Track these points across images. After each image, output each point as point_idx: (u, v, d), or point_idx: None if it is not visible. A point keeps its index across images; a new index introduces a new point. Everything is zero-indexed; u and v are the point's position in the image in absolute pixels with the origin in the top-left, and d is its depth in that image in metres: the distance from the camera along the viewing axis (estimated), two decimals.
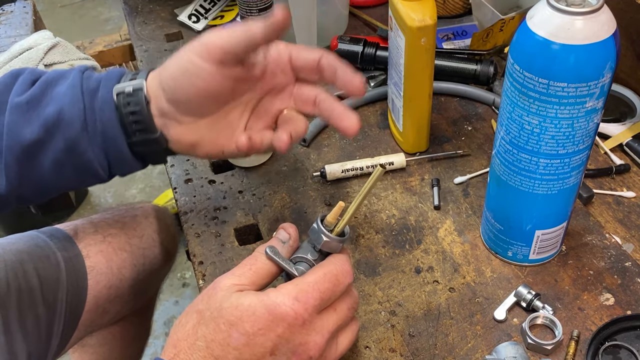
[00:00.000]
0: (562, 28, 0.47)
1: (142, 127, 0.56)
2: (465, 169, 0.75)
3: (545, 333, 0.58)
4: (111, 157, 0.58)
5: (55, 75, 0.58)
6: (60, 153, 0.56)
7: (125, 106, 0.56)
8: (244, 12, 0.81)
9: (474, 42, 0.86)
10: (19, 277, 0.72)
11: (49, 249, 0.77)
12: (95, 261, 0.79)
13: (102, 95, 0.56)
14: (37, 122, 0.56)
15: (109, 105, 0.56)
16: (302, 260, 0.52)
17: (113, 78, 0.58)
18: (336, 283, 0.49)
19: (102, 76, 0.58)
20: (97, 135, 0.56)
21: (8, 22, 1.10)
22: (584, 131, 0.52)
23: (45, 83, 0.58)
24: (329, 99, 0.59)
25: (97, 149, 0.57)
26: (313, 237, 0.52)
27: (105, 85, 0.57)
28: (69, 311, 0.77)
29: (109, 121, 0.56)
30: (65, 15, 2.79)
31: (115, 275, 0.81)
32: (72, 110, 0.56)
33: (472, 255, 0.65)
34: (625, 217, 0.68)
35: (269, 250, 0.51)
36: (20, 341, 0.71)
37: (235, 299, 0.47)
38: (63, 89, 0.57)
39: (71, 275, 0.77)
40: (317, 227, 0.52)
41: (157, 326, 1.58)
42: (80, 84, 0.57)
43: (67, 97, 0.56)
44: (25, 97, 0.56)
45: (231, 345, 0.46)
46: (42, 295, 0.74)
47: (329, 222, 0.52)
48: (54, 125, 0.56)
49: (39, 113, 0.56)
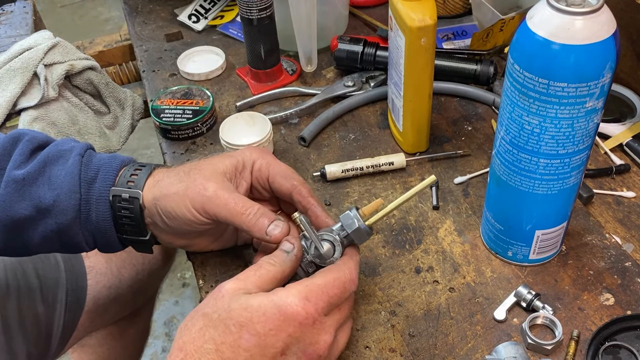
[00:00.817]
0: (562, 28, 0.47)
1: (134, 230, 0.58)
2: (465, 169, 0.75)
3: (545, 333, 0.58)
4: (99, 242, 0.59)
5: (55, 154, 0.59)
6: (51, 233, 0.57)
7: (120, 210, 0.57)
8: (244, 12, 0.81)
9: (474, 42, 0.86)
10: (18, 278, 0.73)
11: None
12: (94, 261, 0.80)
13: (99, 189, 0.57)
14: (31, 201, 0.57)
15: (104, 202, 0.57)
16: (328, 239, 0.53)
17: (113, 170, 0.58)
18: (343, 290, 0.50)
19: (101, 164, 0.59)
20: (89, 223, 0.58)
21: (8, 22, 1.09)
22: (584, 131, 0.52)
23: (44, 162, 0.58)
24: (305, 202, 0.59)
25: (87, 233, 0.58)
26: (345, 222, 0.54)
27: (103, 178, 0.58)
28: (68, 311, 0.77)
29: (103, 216, 0.57)
30: (65, 15, 2.79)
31: (115, 275, 0.81)
32: (69, 200, 0.56)
33: (472, 255, 0.65)
34: (625, 217, 0.68)
35: (299, 215, 0.53)
36: (20, 341, 0.71)
37: (244, 300, 0.47)
38: (61, 174, 0.57)
39: (70, 275, 0.77)
40: (352, 214, 0.54)
41: (157, 326, 1.58)
42: (79, 171, 0.57)
43: (64, 185, 0.57)
44: (22, 172, 0.57)
45: (242, 347, 0.45)
46: (41, 296, 0.74)
47: (362, 213, 0.54)
48: (47, 210, 0.57)
49: (34, 192, 0.57)
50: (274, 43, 0.86)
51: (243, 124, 0.78)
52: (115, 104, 0.98)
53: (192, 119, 0.80)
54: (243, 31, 0.85)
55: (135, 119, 1.02)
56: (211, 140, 0.82)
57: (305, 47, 0.87)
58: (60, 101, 0.92)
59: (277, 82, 0.89)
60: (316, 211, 0.58)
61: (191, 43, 0.99)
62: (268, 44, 0.85)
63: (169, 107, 0.82)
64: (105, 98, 0.97)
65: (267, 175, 0.60)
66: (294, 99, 0.87)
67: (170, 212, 0.56)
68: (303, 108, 0.84)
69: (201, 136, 0.82)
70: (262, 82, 0.88)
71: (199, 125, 0.81)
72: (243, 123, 0.78)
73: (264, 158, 0.60)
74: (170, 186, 0.56)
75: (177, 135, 0.81)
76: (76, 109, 0.94)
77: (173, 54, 0.97)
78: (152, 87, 0.92)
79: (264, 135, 0.75)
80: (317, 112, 0.83)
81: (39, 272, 0.74)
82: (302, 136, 0.79)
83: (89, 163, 0.58)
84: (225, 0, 1.05)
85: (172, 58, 0.96)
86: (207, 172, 0.57)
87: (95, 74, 0.95)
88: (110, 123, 0.98)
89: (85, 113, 0.95)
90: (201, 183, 0.55)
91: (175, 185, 0.56)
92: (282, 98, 0.87)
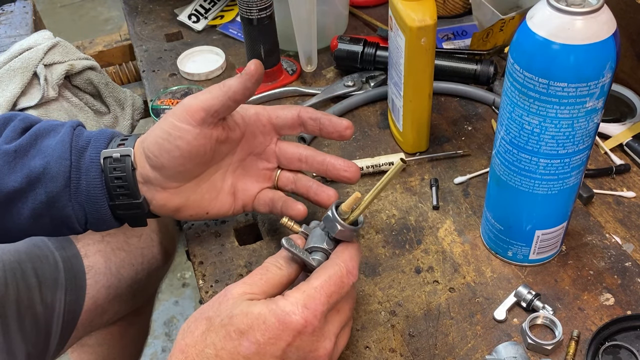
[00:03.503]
0: (562, 28, 0.47)
1: (126, 192, 0.58)
2: (465, 169, 0.75)
3: (545, 333, 0.58)
4: (90, 215, 0.59)
5: (46, 127, 0.59)
6: (40, 205, 0.57)
7: (112, 171, 0.57)
8: (244, 12, 0.81)
9: (474, 42, 0.86)
10: (17, 277, 0.72)
11: (47, 248, 0.77)
12: (93, 261, 0.79)
13: (90, 156, 0.58)
14: (22, 172, 0.56)
15: (95, 168, 0.57)
16: (318, 250, 0.53)
17: (103, 139, 0.59)
18: (341, 285, 0.49)
19: (92, 135, 0.59)
20: (80, 193, 0.57)
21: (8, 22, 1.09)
22: (584, 131, 0.52)
23: (36, 134, 0.58)
24: (317, 153, 0.62)
25: (77, 206, 0.58)
26: (327, 225, 0.52)
27: (94, 146, 0.58)
28: (67, 311, 0.77)
29: (94, 182, 0.57)
30: (65, 15, 2.79)
31: (114, 275, 0.81)
32: (58, 166, 0.56)
33: (472, 255, 0.65)
34: (625, 217, 0.68)
35: (285, 242, 0.51)
36: (19, 341, 0.71)
37: (245, 307, 0.47)
38: (52, 143, 0.57)
39: (69, 275, 0.77)
40: (331, 215, 0.52)
41: (157, 326, 1.58)
42: (70, 140, 0.58)
43: (55, 152, 0.57)
44: (13, 145, 0.57)
45: (241, 354, 0.45)
46: (40, 295, 0.74)
47: (343, 210, 0.52)
48: (37, 178, 0.56)
49: (25, 163, 0.57)
50: (274, 43, 0.86)
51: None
52: (115, 104, 0.98)
53: None
54: (243, 31, 0.85)
55: (135, 119, 1.02)
56: None
57: (305, 47, 0.87)
58: (60, 101, 0.92)
59: (277, 82, 0.89)
60: (329, 117, 0.60)
61: (191, 43, 0.99)
62: (268, 44, 0.85)
63: (169, 107, 0.82)
64: (105, 98, 0.97)
65: (268, 115, 0.61)
66: (294, 99, 0.87)
67: (157, 140, 0.56)
68: None
69: None
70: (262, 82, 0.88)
71: None
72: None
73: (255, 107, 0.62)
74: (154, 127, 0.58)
75: None
76: (76, 109, 0.94)
77: (173, 54, 0.97)
78: (152, 87, 0.92)
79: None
80: None
81: (37, 272, 0.74)
82: (302, 136, 0.79)
83: (81, 135, 0.59)
84: (225, 0, 1.05)
85: (172, 58, 0.96)
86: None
87: (95, 74, 0.95)
88: (110, 123, 0.98)
89: (85, 113, 0.95)
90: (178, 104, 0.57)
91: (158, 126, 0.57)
92: (282, 98, 0.87)
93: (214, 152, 0.59)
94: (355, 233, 0.53)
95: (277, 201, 0.62)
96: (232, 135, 0.60)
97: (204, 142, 0.57)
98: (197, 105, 0.56)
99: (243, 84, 0.56)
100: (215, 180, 0.62)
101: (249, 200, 0.64)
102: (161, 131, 0.56)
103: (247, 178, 0.64)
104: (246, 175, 0.64)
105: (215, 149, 0.59)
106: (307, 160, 0.63)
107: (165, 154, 0.56)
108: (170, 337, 1.56)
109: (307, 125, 0.61)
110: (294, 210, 0.61)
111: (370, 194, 0.52)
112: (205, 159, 0.59)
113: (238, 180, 0.63)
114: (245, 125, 0.61)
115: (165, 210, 0.60)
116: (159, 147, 0.56)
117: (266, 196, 0.63)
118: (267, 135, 0.63)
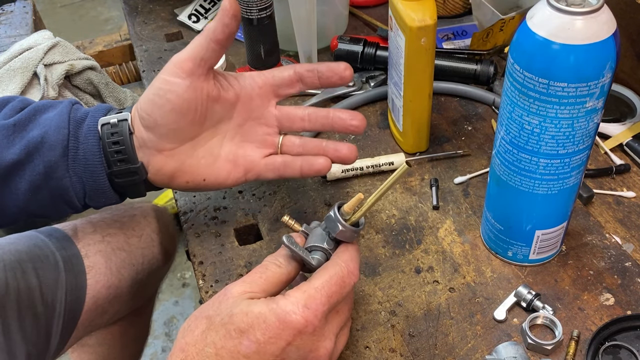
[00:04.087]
0: (562, 28, 0.47)
1: (124, 157, 0.58)
2: (465, 169, 0.75)
3: (545, 333, 0.58)
4: (88, 186, 0.59)
5: (45, 103, 0.60)
6: (38, 176, 0.57)
7: (109, 137, 0.58)
8: (244, 12, 0.81)
9: (474, 42, 0.86)
10: (17, 277, 0.72)
11: (48, 248, 0.77)
12: (94, 261, 0.79)
13: (88, 125, 0.58)
14: (20, 144, 0.57)
15: (93, 135, 0.58)
16: (317, 249, 0.52)
17: (100, 111, 0.60)
18: (342, 285, 0.49)
19: (90, 109, 0.60)
20: (78, 163, 0.58)
21: (8, 22, 1.10)
22: (584, 131, 0.52)
23: (35, 110, 0.59)
24: (319, 109, 0.61)
25: (75, 177, 0.58)
26: (329, 225, 0.52)
27: (92, 117, 0.59)
28: (68, 311, 0.77)
29: (91, 150, 0.57)
30: (65, 15, 2.79)
31: (114, 275, 0.81)
32: (56, 135, 0.57)
33: (472, 255, 0.65)
34: (625, 217, 0.68)
35: (286, 239, 0.51)
36: (20, 341, 0.71)
37: (245, 306, 0.46)
38: (51, 115, 0.58)
39: (70, 275, 0.77)
40: (333, 215, 0.52)
41: (157, 326, 1.58)
42: (69, 112, 0.59)
43: (53, 122, 0.57)
44: (12, 120, 0.58)
45: (241, 353, 0.45)
46: (41, 295, 0.74)
47: (345, 211, 0.52)
48: (35, 148, 0.57)
49: (23, 136, 0.57)
50: (274, 43, 0.86)
51: None
52: (115, 103, 0.99)
53: None
54: (243, 31, 0.85)
55: None
56: None
57: (305, 47, 0.87)
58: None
59: None
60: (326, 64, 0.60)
61: None
62: (268, 44, 0.85)
63: None
64: (105, 98, 0.97)
65: (263, 76, 0.61)
66: (294, 98, 0.87)
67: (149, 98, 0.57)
68: None
69: None
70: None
71: None
72: None
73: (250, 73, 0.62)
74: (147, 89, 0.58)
75: None
76: None
77: (173, 54, 0.96)
78: None
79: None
80: None
81: (38, 272, 0.74)
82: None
83: (79, 109, 0.60)
84: None
85: None
86: None
87: (95, 73, 0.95)
88: None
89: None
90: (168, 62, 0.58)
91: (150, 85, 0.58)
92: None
93: (207, 111, 0.59)
94: (356, 234, 0.53)
95: (290, 163, 0.61)
96: (226, 95, 0.59)
97: (194, 95, 0.57)
98: (183, 57, 0.57)
99: (220, 21, 0.56)
100: (212, 145, 0.61)
101: (252, 167, 0.62)
102: (153, 88, 0.57)
103: (247, 144, 0.62)
104: (246, 141, 0.62)
105: (208, 107, 0.58)
106: (310, 118, 0.62)
107: (157, 110, 0.56)
108: (170, 337, 1.56)
109: (305, 78, 0.60)
110: (318, 164, 0.60)
111: (373, 196, 0.52)
112: (199, 117, 0.58)
113: (238, 148, 0.62)
114: (240, 88, 0.61)
115: (161, 176, 0.60)
116: (152, 104, 0.57)
117: (275, 160, 0.62)
118: (264, 98, 0.62)
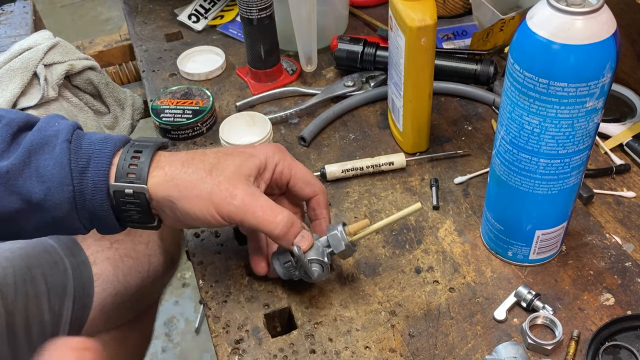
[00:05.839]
0: (562, 28, 0.47)
1: (141, 219, 0.57)
2: (465, 169, 0.75)
3: (545, 333, 0.58)
4: (97, 226, 0.58)
5: (39, 141, 0.55)
6: (45, 223, 0.56)
7: (125, 204, 0.55)
8: (244, 12, 0.81)
9: (474, 42, 0.86)
10: (27, 284, 0.71)
11: (57, 254, 0.76)
12: (102, 268, 0.78)
13: (93, 180, 0.54)
14: (20, 195, 0.54)
15: (100, 193, 0.55)
16: (317, 262, 0.57)
17: (105, 157, 0.55)
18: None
19: (92, 150, 0.55)
20: (86, 211, 0.56)
21: (8, 22, 1.09)
22: (584, 131, 0.52)
23: (29, 151, 0.54)
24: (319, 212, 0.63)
25: (85, 221, 0.57)
26: (333, 241, 0.58)
27: (95, 167, 0.55)
28: (74, 319, 0.76)
29: (101, 207, 0.55)
30: (65, 15, 2.79)
31: (121, 283, 0.80)
32: (61, 194, 0.54)
33: (472, 255, 0.65)
34: (625, 217, 0.68)
35: (296, 249, 0.56)
36: (25, 351, 0.70)
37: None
38: (50, 165, 0.54)
39: (78, 282, 0.76)
40: (339, 235, 0.58)
41: (157, 326, 1.57)
42: (69, 160, 0.54)
43: (54, 179, 0.54)
44: (6, 165, 0.53)
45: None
46: (49, 303, 0.73)
47: (348, 232, 0.58)
48: (39, 205, 0.54)
49: (21, 186, 0.54)
50: (274, 43, 0.86)
51: (243, 124, 0.78)
52: (115, 104, 0.98)
53: (192, 119, 0.80)
54: (243, 31, 0.85)
55: (135, 119, 1.02)
56: (211, 140, 0.82)
57: (305, 47, 0.87)
58: (60, 101, 0.92)
59: (277, 82, 0.89)
60: (322, 224, 0.62)
61: (191, 43, 0.99)
62: (268, 44, 0.85)
63: (169, 107, 0.82)
64: (105, 98, 0.97)
65: (289, 179, 0.61)
66: (294, 99, 0.87)
67: (191, 214, 0.55)
68: (303, 108, 0.84)
69: (201, 136, 0.82)
70: (262, 82, 0.88)
71: (199, 125, 0.81)
72: (243, 123, 0.78)
73: (285, 160, 0.61)
74: (191, 186, 0.55)
75: (177, 135, 0.81)
76: (76, 109, 0.94)
77: (173, 54, 0.97)
78: (152, 87, 0.92)
79: (264, 134, 0.75)
80: (317, 112, 0.83)
81: (47, 279, 0.73)
82: (302, 136, 0.79)
83: (79, 150, 0.55)
84: (225, 0, 1.05)
85: (172, 58, 0.96)
86: (231, 175, 0.56)
87: (95, 74, 0.95)
88: (110, 123, 0.98)
89: (85, 113, 0.95)
90: (226, 189, 0.55)
91: (197, 187, 0.55)
92: (282, 98, 0.87)
93: None
94: (352, 254, 0.59)
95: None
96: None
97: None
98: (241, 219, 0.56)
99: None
100: None
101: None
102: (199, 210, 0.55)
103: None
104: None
105: None
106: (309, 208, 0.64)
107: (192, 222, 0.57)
108: (170, 337, 1.56)
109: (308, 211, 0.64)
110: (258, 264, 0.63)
111: (378, 225, 0.59)
112: None
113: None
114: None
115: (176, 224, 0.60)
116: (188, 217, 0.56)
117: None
118: (281, 189, 0.64)
